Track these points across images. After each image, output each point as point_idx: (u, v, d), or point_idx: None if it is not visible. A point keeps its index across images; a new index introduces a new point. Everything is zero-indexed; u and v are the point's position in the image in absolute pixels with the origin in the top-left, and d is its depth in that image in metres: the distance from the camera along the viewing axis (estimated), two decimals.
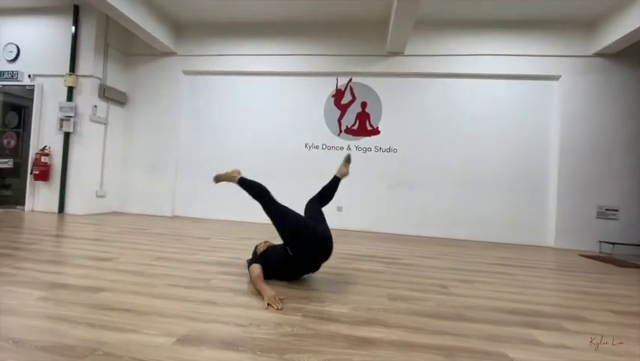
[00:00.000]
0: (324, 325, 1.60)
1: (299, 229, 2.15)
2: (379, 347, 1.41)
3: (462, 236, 5.01)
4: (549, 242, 4.84)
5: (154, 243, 3.33)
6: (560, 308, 2.08)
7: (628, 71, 4.71)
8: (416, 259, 3.34)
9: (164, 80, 5.72)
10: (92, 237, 3.48)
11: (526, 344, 1.52)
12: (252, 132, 5.58)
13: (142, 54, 5.76)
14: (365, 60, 5.27)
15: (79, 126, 5.17)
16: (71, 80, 5.15)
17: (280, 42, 5.44)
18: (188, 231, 4.24)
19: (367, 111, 5.37)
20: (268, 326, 1.55)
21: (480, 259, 3.54)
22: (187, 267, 2.50)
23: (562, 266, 3.50)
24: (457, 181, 5.10)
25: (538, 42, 4.89)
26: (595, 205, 4.72)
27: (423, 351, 1.39)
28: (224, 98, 5.68)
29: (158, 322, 1.53)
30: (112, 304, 1.71)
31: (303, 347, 1.38)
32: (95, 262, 2.48)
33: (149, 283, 2.07)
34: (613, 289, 2.67)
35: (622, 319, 1.96)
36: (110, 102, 5.52)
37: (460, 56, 5.04)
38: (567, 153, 4.78)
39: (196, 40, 5.66)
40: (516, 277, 2.84)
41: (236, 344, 1.36)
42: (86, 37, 5.24)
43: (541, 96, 4.97)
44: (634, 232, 4.57)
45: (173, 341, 1.36)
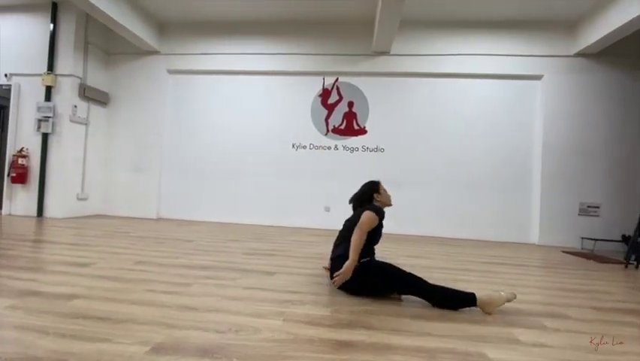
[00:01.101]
0: (304, 329, 1.57)
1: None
2: (359, 350, 1.39)
3: (450, 235, 5.05)
4: (533, 239, 4.91)
5: (135, 247, 3.25)
6: (542, 306, 2.10)
7: (608, 70, 4.81)
8: (403, 258, 3.34)
9: (148, 79, 5.60)
10: (71, 241, 3.38)
11: (506, 344, 1.52)
12: (238, 132, 5.52)
13: (124, 53, 5.63)
14: (351, 60, 5.25)
15: (58, 127, 5.02)
16: (49, 79, 5.00)
17: (265, 41, 5.39)
18: (173, 233, 4.16)
19: (354, 111, 5.36)
20: (247, 331, 1.52)
21: (466, 258, 3.57)
22: (168, 271, 2.44)
23: (545, 263, 3.56)
24: (444, 180, 5.13)
25: (521, 42, 4.96)
26: (577, 203, 4.81)
27: (403, 353, 1.38)
28: (209, 98, 5.60)
29: (133, 330, 1.47)
30: (85, 312, 1.65)
31: (282, 353, 1.34)
32: (71, 268, 2.39)
33: (126, 288, 2.01)
34: (594, 285, 2.72)
35: (602, 315, 1.99)
36: (90, 102, 5.38)
37: (445, 56, 5.08)
38: (550, 151, 4.86)
39: (180, 39, 5.56)
40: (500, 275, 2.87)
41: (214, 352, 1.32)
42: (65, 36, 5.09)
43: (525, 96, 5.04)
44: (615, 229, 4.67)
45: (147, 349, 1.31)
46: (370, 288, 2.06)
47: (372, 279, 2.02)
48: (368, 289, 2.06)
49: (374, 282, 2.02)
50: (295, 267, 2.82)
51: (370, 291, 2.07)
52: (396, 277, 1.99)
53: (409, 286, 1.97)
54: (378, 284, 2.02)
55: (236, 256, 3.06)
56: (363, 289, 2.07)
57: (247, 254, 3.17)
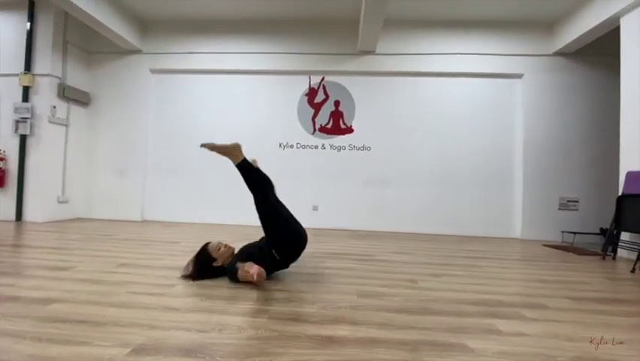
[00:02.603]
0: (289, 326, 1.57)
1: (290, 233, 2.24)
2: (344, 345, 1.40)
3: (436, 231, 5.13)
4: (516, 234, 5.03)
5: (118, 249, 3.19)
6: (521, 297, 2.16)
7: (586, 69, 4.96)
8: (389, 255, 3.38)
9: (130, 79, 5.50)
10: (51, 245, 3.29)
11: (486, 334, 1.56)
12: (224, 132, 5.46)
13: (105, 52, 5.51)
14: (337, 59, 5.27)
15: (36, 128, 4.88)
16: (27, 79, 4.85)
17: (251, 40, 5.36)
18: (157, 235, 4.09)
19: (340, 110, 5.39)
20: (231, 330, 1.51)
21: (451, 253, 3.63)
22: (151, 273, 2.40)
23: (526, 257, 3.65)
24: (430, 178, 5.21)
25: (502, 42, 5.07)
26: (557, 197, 4.95)
27: (387, 347, 1.40)
28: (193, 98, 5.53)
29: (114, 332, 1.45)
30: (64, 315, 1.61)
31: (265, 350, 1.34)
32: (50, 272, 2.33)
33: (107, 291, 1.97)
34: (571, 276, 2.81)
35: (578, 305, 2.05)
36: (70, 102, 5.25)
37: (429, 55, 5.15)
38: (531, 148, 4.98)
39: (163, 38, 5.48)
40: (483, 268, 2.93)
41: (196, 351, 1.31)
42: (43, 34, 4.95)
43: (506, 94, 5.16)
44: (593, 222, 4.82)
45: (127, 351, 1.29)
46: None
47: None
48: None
49: None
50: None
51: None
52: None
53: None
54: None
55: None
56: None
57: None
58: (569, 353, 1.40)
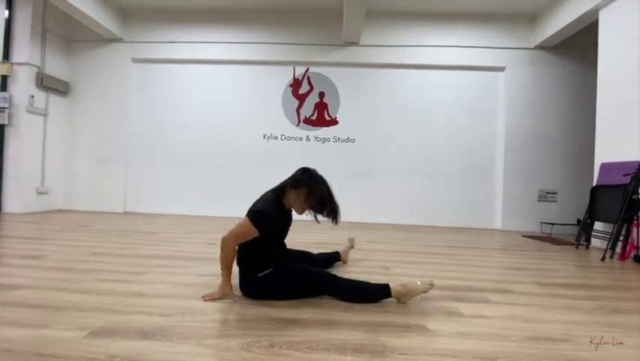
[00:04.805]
0: (254, 310, 1.59)
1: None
2: (305, 326, 1.42)
3: (419, 222, 5.18)
4: (497, 225, 5.12)
5: (95, 239, 3.16)
6: (490, 283, 2.20)
7: (565, 62, 5.03)
8: (367, 244, 3.41)
9: (111, 68, 5.40)
10: (27, 235, 3.25)
11: (447, 316, 1.59)
12: (207, 123, 5.42)
13: (85, 40, 5.40)
14: (322, 50, 5.25)
15: (14, 118, 4.78)
16: (5, 68, 4.73)
17: (234, 29, 5.30)
18: (137, 226, 4.07)
19: (325, 101, 5.38)
20: (195, 313, 1.52)
21: (429, 243, 3.68)
22: (124, 261, 2.39)
23: (503, 246, 3.72)
24: (413, 169, 5.25)
25: (484, 35, 5.10)
26: (537, 189, 5.04)
27: (347, 328, 1.42)
28: (176, 88, 5.46)
29: (74, 317, 1.44)
30: (28, 301, 1.60)
31: (225, 332, 1.36)
32: (21, 261, 2.31)
33: (76, 278, 1.96)
34: (544, 264, 2.87)
35: (544, 290, 2.11)
36: (49, 92, 5.14)
37: (413, 47, 5.16)
38: (511, 140, 5.05)
39: (145, 26, 5.38)
40: (457, 257, 2.98)
41: (155, 333, 1.31)
42: (21, 22, 4.83)
43: (489, 87, 5.21)
44: (570, 213, 4.92)
45: (84, 334, 1.29)
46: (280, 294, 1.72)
47: (277, 290, 1.72)
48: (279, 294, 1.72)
49: (280, 291, 1.72)
50: None
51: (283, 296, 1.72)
52: (305, 280, 1.75)
53: (319, 285, 1.74)
54: (285, 292, 1.72)
55: (198, 247, 3.03)
56: (275, 295, 1.72)
57: (210, 244, 3.14)
58: (523, 333, 1.44)
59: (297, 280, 1.74)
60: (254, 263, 1.72)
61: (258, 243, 1.70)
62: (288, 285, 1.73)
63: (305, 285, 1.75)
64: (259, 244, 1.71)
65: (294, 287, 1.74)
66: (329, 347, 1.24)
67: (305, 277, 1.76)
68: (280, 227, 1.84)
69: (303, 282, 1.75)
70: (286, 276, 1.73)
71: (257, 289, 1.72)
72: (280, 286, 1.72)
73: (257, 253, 1.72)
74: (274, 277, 1.71)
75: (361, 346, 1.26)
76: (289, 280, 1.73)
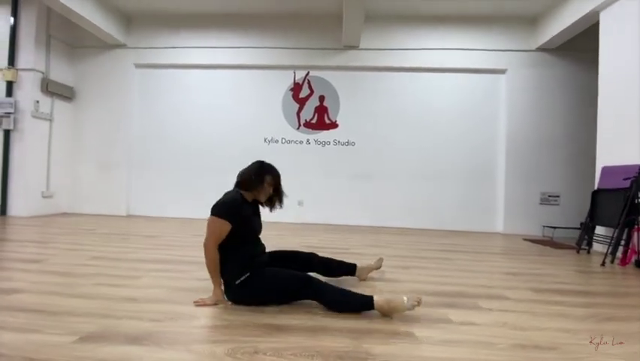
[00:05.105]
0: (243, 316, 1.60)
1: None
2: (291, 333, 1.43)
3: (419, 225, 5.16)
4: (499, 228, 5.08)
5: (96, 243, 3.21)
6: (483, 288, 2.19)
7: (567, 64, 4.98)
8: (365, 248, 3.42)
9: (115, 73, 5.48)
10: (29, 239, 3.31)
11: (436, 323, 1.59)
12: (209, 127, 5.47)
13: (89, 46, 5.49)
14: (322, 54, 5.27)
15: (20, 123, 4.87)
16: (10, 74, 4.83)
17: (236, 34, 5.35)
18: (139, 230, 4.12)
19: (325, 105, 5.40)
20: (184, 319, 1.54)
21: (427, 247, 3.67)
22: (122, 265, 2.43)
23: (502, 250, 3.69)
24: (414, 172, 5.24)
25: (486, 37, 5.08)
26: (539, 192, 4.99)
27: (333, 335, 1.42)
28: (178, 92, 5.52)
29: (67, 321, 1.47)
30: (24, 305, 1.64)
31: (212, 338, 1.38)
32: (21, 264, 2.36)
33: (72, 283, 2.00)
34: (541, 269, 2.85)
35: (537, 296, 2.09)
36: (54, 97, 5.23)
37: (413, 50, 5.16)
38: (513, 143, 5.02)
39: (147, 32, 5.46)
40: (454, 261, 2.97)
41: (142, 339, 1.34)
42: (26, 29, 4.93)
43: (490, 89, 5.18)
44: (573, 216, 4.86)
45: (74, 339, 1.32)
46: (262, 300, 1.73)
47: (258, 295, 1.72)
48: (262, 300, 1.73)
49: (262, 296, 1.73)
50: None
51: (266, 302, 1.74)
52: (284, 283, 1.71)
53: (301, 289, 1.70)
54: (267, 297, 1.73)
55: (197, 251, 3.03)
56: (258, 301, 1.73)
57: None
58: (511, 341, 1.43)
59: (276, 284, 1.72)
60: (231, 270, 1.72)
61: (232, 243, 1.72)
62: (267, 290, 1.71)
63: (285, 289, 1.71)
64: (234, 245, 1.72)
65: (275, 292, 1.72)
66: (313, 354, 1.25)
67: (284, 280, 1.72)
68: (248, 219, 1.82)
69: (283, 285, 1.71)
70: (265, 280, 1.72)
71: (239, 296, 1.73)
72: (260, 291, 1.71)
73: (233, 257, 1.72)
74: (253, 282, 1.70)
75: (345, 353, 1.27)
76: (268, 284, 1.71)
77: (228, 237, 1.71)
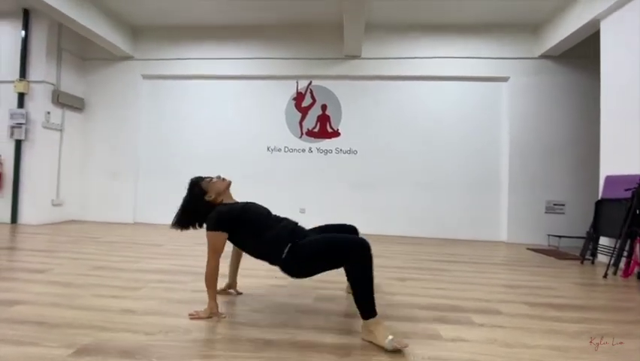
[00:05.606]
0: (236, 330, 1.64)
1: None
2: (281, 348, 1.46)
3: (422, 234, 5.15)
4: (503, 237, 5.03)
5: (100, 252, 3.29)
6: (478, 302, 2.19)
7: (570, 72, 4.95)
8: None
9: (123, 84, 5.63)
10: (36, 248, 3.41)
11: (424, 339, 1.60)
12: (213, 136, 5.57)
13: (99, 58, 5.65)
14: (324, 63, 5.34)
15: (31, 133, 5.03)
16: (22, 86, 5.00)
17: (240, 46, 5.45)
18: (144, 238, 4.20)
19: (327, 114, 5.45)
20: (177, 332, 1.58)
21: (427, 257, 3.66)
22: (123, 276, 2.49)
23: (504, 260, 3.66)
24: (416, 180, 5.23)
25: (487, 45, 5.08)
26: (544, 201, 4.94)
27: (321, 351, 1.45)
28: (184, 103, 5.64)
29: (64, 334, 1.53)
30: (24, 317, 1.70)
31: (203, 352, 1.41)
32: (25, 275, 2.43)
33: (73, 294, 2.06)
34: (541, 281, 2.82)
35: (532, 310, 2.08)
36: (65, 108, 5.39)
37: (415, 59, 5.18)
38: (517, 151, 4.98)
39: (154, 44, 5.60)
40: (453, 273, 2.96)
41: (136, 353, 1.38)
42: (37, 42, 5.10)
43: (492, 97, 5.17)
44: (579, 225, 4.78)
45: (70, 352, 1.37)
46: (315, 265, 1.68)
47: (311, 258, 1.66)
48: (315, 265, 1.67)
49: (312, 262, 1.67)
50: (254, 269, 2.86)
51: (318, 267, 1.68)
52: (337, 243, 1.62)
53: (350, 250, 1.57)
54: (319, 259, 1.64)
55: (200, 260, 3.10)
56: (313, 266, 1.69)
57: None
58: (500, 358, 1.43)
59: (325, 244, 1.63)
60: (270, 251, 1.74)
61: (252, 234, 1.80)
62: (316, 251, 1.63)
63: (333, 251, 1.60)
64: (256, 233, 1.78)
65: (324, 253, 1.62)
66: None
67: (333, 240, 1.64)
68: (244, 210, 1.89)
69: (333, 246, 1.61)
70: (312, 243, 1.66)
71: (295, 269, 1.70)
72: (310, 255, 1.65)
73: (264, 242, 1.76)
74: (301, 249, 1.66)
75: None
76: (317, 246, 1.64)
77: (244, 233, 1.81)
